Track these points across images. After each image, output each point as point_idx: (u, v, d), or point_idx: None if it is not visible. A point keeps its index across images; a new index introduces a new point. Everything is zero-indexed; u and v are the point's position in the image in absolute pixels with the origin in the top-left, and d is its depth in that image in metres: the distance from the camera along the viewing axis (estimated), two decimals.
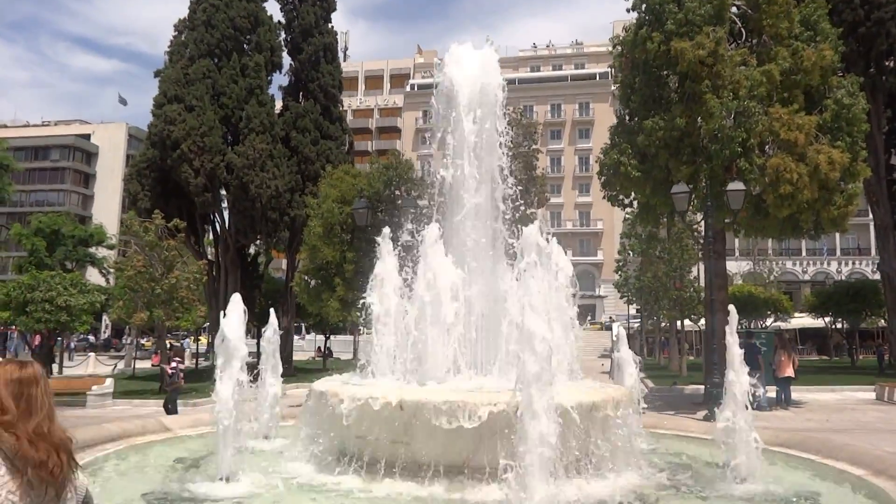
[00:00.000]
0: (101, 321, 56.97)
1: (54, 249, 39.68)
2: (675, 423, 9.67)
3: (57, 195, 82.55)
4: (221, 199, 28.44)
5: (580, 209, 75.27)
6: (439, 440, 5.51)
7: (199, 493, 5.39)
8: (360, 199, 19.05)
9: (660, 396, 20.54)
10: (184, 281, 21.89)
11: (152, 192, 26.67)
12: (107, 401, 19.10)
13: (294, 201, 26.98)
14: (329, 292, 20.07)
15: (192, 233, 27.22)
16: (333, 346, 43.83)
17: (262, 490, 5.53)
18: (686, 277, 31.78)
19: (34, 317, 22.51)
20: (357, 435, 5.92)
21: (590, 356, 37.46)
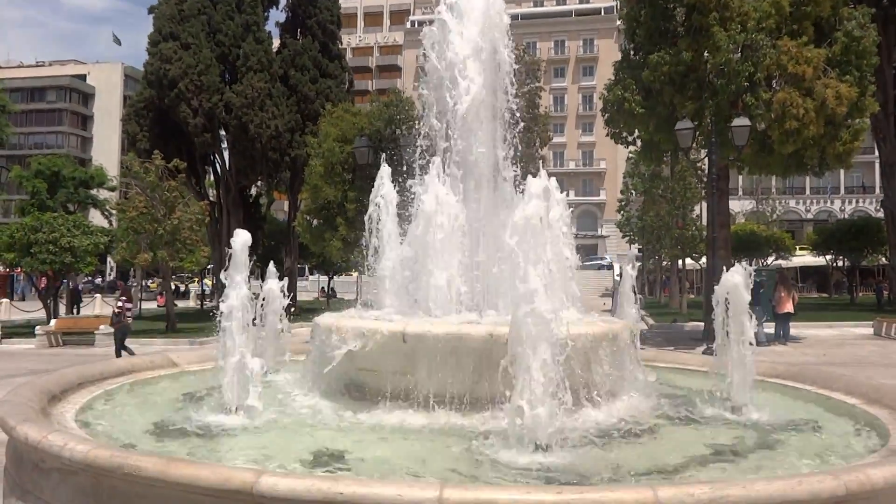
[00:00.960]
0: (106, 263, 57.31)
1: (55, 191, 39.62)
2: (673, 357, 9.80)
3: (55, 137, 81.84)
4: (221, 139, 28.22)
5: (583, 149, 74.53)
6: (442, 371, 5.58)
7: (208, 422, 5.51)
8: (360, 137, 18.87)
9: (660, 333, 20.82)
10: (186, 222, 21.92)
11: (151, 132, 26.44)
12: None
13: (294, 141, 26.75)
14: (331, 232, 20.13)
15: (192, 174, 27.11)
16: (337, 287, 44.18)
17: (269, 420, 5.65)
18: (688, 216, 31.73)
19: (39, 258, 22.66)
20: (361, 367, 6.00)
21: (591, 295, 37.75)
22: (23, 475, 4.43)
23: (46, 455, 4.06)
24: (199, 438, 5.15)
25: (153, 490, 3.59)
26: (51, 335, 19.42)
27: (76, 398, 6.07)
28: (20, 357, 16.69)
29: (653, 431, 5.48)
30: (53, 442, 3.99)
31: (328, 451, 4.79)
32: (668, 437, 5.36)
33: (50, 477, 4.09)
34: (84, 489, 3.85)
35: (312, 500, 3.26)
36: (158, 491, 3.58)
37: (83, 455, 3.79)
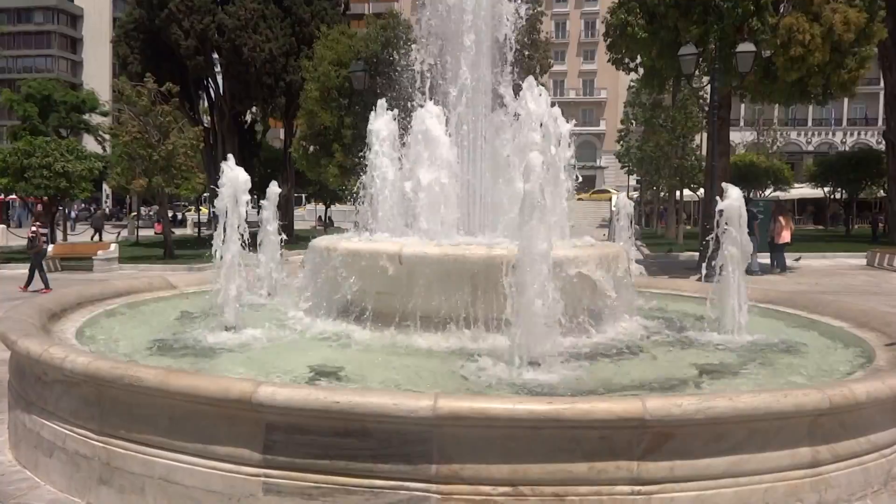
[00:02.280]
0: (102, 191, 56.97)
1: (47, 116, 38.93)
2: (668, 284, 9.90)
3: (45, 61, 79.86)
4: (214, 63, 27.55)
5: (584, 77, 73.02)
6: (438, 292, 5.63)
7: (207, 340, 5.60)
8: (357, 61, 18.43)
9: (655, 262, 20.96)
10: (181, 148, 21.65)
11: (142, 54, 25.80)
12: (113, 265, 19.51)
13: (289, 65, 26.14)
14: (328, 158, 19.92)
15: (186, 99, 26.58)
16: (334, 217, 44.08)
17: (263, 338, 5.74)
18: (688, 146, 31.41)
19: (33, 183, 22.48)
20: (357, 288, 6.04)
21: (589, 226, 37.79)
22: (26, 388, 4.52)
23: (48, 367, 4.13)
24: (198, 355, 5.24)
25: (154, 400, 3.68)
26: (49, 260, 19.47)
27: (76, 317, 6.14)
28: (19, 281, 16.79)
29: (645, 352, 5.59)
30: (55, 354, 4.06)
31: (325, 367, 4.89)
32: (659, 357, 5.47)
33: (53, 389, 4.18)
34: (87, 400, 3.94)
35: (309, 409, 3.35)
36: (159, 401, 3.67)
37: (84, 366, 3.86)
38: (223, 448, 3.52)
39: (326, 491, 3.36)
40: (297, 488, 3.39)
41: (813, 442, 3.64)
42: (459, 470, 3.31)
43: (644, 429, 3.34)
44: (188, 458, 3.58)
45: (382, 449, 3.34)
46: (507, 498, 3.31)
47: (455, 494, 3.32)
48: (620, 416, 3.31)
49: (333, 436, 3.37)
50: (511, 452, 3.32)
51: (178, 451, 3.61)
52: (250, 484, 3.45)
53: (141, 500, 3.69)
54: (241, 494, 3.46)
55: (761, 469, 3.52)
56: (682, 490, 3.41)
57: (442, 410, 3.24)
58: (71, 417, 4.03)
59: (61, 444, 4.06)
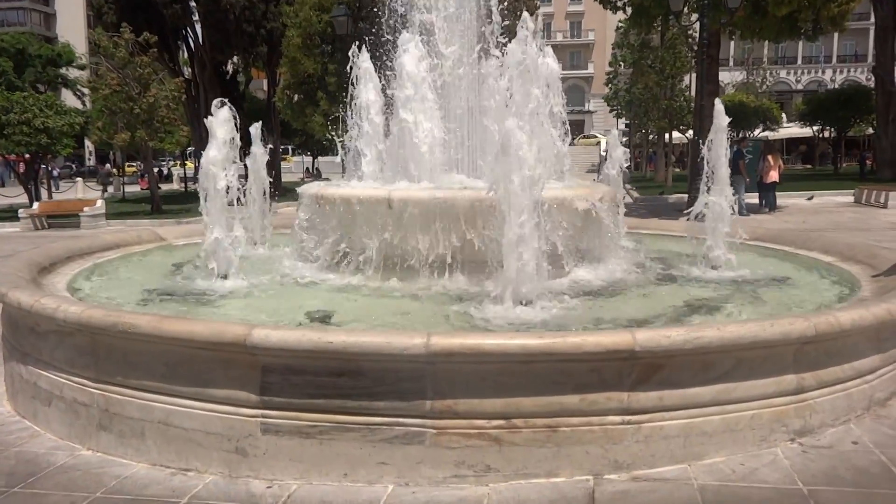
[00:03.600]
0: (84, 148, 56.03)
1: (23, 71, 37.94)
2: (657, 224, 9.95)
3: (16, 14, 77.27)
4: (192, 11, 26.77)
5: (571, 19, 71.73)
6: (427, 237, 5.64)
7: (199, 288, 5.61)
8: (338, 5, 17.96)
9: (644, 206, 21.01)
10: (162, 100, 21.24)
11: (117, 4, 25.03)
12: (100, 222, 19.36)
13: (269, 12, 25.46)
14: (312, 107, 19.62)
15: (165, 50, 25.92)
16: (322, 168, 43.76)
17: (254, 287, 5.75)
18: (677, 87, 31.11)
19: (13, 140, 22.06)
20: (348, 235, 6.04)
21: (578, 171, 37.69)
22: (20, 340, 4.53)
23: (41, 318, 4.13)
24: (191, 303, 5.26)
25: (149, 346, 3.70)
26: (35, 218, 19.30)
27: (66, 270, 6.12)
28: (6, 239, 16.67)
29: (634, 290, 5.65)
30: (47, 305, 4.06)
31: (317, 310, 4.92)
32: (648, 294, 5.53)
33: (47, 339, 4.19)
34: (82, 348, 3.96)
35: (303, 349, 3.38)
36: (154, 347, 3.69)
37: (77, 315, 3.87)
38: (220, 391, 3.56)
39: (324, 429, 3.42)
40: (295, 427, 3.45)
41: (798, 369, 3.73)
42: (454, 405, 3.37)
43: (634, 360, 3.40)
44: (186, 401, 3.63)
45: (377, 387, 3.39)
46: (501, 431, 3.38)
47: (450, 429, 3.39)
48: (610, 349, 3.36)
49: (328, 375, 3.42)
50: (504, 387, 3.39)
51: (175, 396, 3.65)
52: (249, 425, 3.50)
53: (141, 444, 3.75)
54: (241, 435, 3.52)
55: (748, 396, 3.62)
56: (671, 419, 3.50)
57: (435, 347, 3.29)
58: (67, 366, 4.05)
59: (59, 393, 4.10)
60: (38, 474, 3.68)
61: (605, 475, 3.43)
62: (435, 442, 3.38)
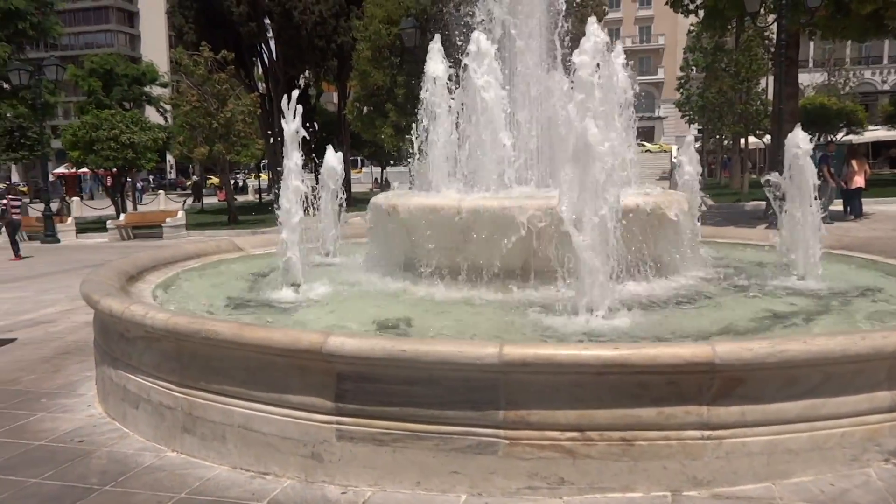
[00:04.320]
0: (166, 161, 58.71)
1: (111, 90, 40.12)
2: (735, 233, 9.62)
3: (104, 36, 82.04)
4: (267, 28, 27.71)
5: (640, 24, 70.52)
6: (496, 245, 5.62)
7: (275, 298, 5.77)
8: (407, 18, 18.23)
9: (720, 213, 20.35)
10: (238, 115, 22.04)
11: (196, 24, 26.16)
12: (181, 232, 20.20)
13: (340, 27, 26.08)
14: (381, 119, 19.94)
15: (241, 66, 26.93)
16: (390, 178, 44.37)
17: (328, 296, 5.87)
18: (753, 90, 30.05)
19: (102, 155, 23.35)
20: (416, 244, 6.09)
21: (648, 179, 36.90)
22: (111, 345, 4.77)
23: (130, 324, 4.34)
24: (269, 311, 5.41)
25: (230, 353, 3.83)
26: (121, 229, 20.34)
27: (151, 278, 6.40)
28: (96, 249, 17.61)
29: (711, 300, 5.48)
30: (136, 312, 4.26)
31: (389, 320, 4.97)
32: (727, 305, 5.34)
33: (135, 345, 4.40)
34: (168, 354, 4.13)
35: (376, 357, 3.43)
36: (234, 353, 3.81)
37: (164, 322, 4.04)
38: (297, 397, 3.65)
39: (397, 437, 3.45)
40: (369, 434, 3.50)
41: (893, 386, 3.53)
42: (527, 416, 3.35)
43: (714, 373, 3.30)
44: (264, 406, 3.73)
45: (449, 396, 3.40)
46: (575, 443, 3.33)
47: (523, 440, 3.37)
48: (689, 361, 3.27)
49: (401, 384, 3.45)
50: (578, 398, 3.34)
51: (254, 401, 3.76)
52: (324, 431, 3.57)
53: (222, 447, 3.88)
54: (316, 441, 3.59)
55: (837, 413, 3.44)
56: (754, 435, 3.36)
57: (507, 357, 3.27)
58: (154, 371, 4.24)
59: (146, 397, 4.29)
60: (128, 474, 3.85)
61: (684, 492, 3.32)
62: (507, 453, 3.36)
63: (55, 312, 9.05)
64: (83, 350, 6.79)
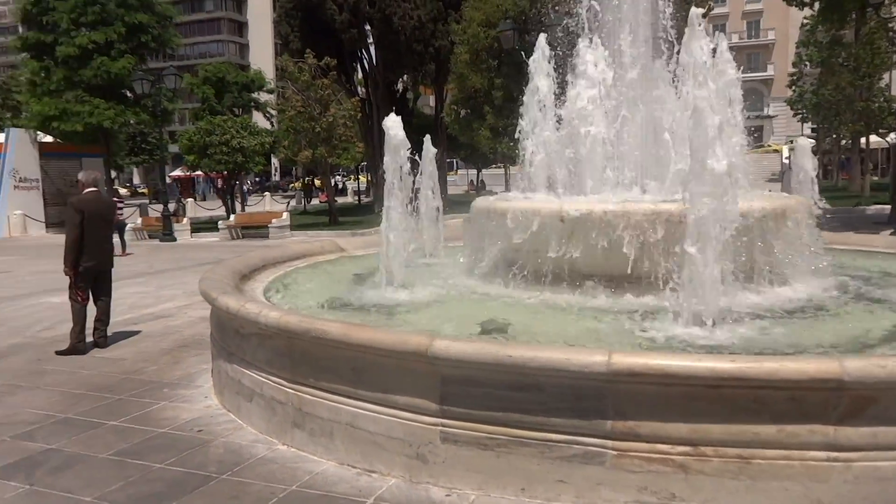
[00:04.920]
0: (271, 164, 61.37)
1: (222, 97, 42.42)
2: (856, 239, 9.00)
3: (216, 46, 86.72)
4: (367, 34, 28.43)
5: (748, 18, 67.32)
6: (600, 251, 5.51)
7: (378, 298, 5.90)
8: (505, 20, 18.21)
9: (838, 218, 19.10)
10: (340, 119, 22.71)
11: (301, 32, 27.18)
12: (285, 233, 21.04)
13: (437, 31, 26.40)
14: (479, 121, 20.02)
15: (342, 72, 27.75)
16: (486, 180, 44.47)
17: (430, 297, 5.94)
18: (875, 86, 28.01)
19: (214, 159, 24.72)
20: (517, 248, 6.06)
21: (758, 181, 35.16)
22: (227, 340, 5.02)
23: (245, 321, 4.55)
24: (372, 312, 5.53)
25: (338, 352, 3.94)
26: (231, 229, 21.42)
27: (261, 277, 6.70)
28: (208, 248, 18.64)
29: (833, 311, 5.14)
30: (250, 310, 4.46)
31: (490, 323, 4.96)
32: (851, 316, 5.00)
33: (249, 341, 4.61)
34: (279, 351, 4.30)
35: (482, 362, 3.43)
36: (342, 352, 3.92)
37: (276, 320, 4.21)
38: (402, 397, 3.71)
39: (502, 442, 3.44)
40: (474, 438, 3.50)
41: None
42: (636, 427, 3.25)
43: (842, 391, 3.08)
44: (370, 405, 3.82)
45: (555, 403, 3.36)
46: (688, 458, 3.21)
47: (631, 451, 3.27)
48: (814, 377, 3.07)
49: (506, 389, 3.43)
50: (691, 411, 3.21)
51: (361, 399, 3.86)
52: (429, 432, 3.61)
53: (330, 444, 4.00)
54: (421, 442, 3.63)
55: None
56: (887, 459, 3.12)
57: (616, 366, 3.19)
58: (266, 366, 4.43)
59: (259, 391, 4.49)
60: (242, 464, 4.04)
61: None
62: (615, 464, 3.28)
63: (173, 307, 9.63)
64: (199, 344, 7.19)
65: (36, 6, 26.07)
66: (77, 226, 6.94)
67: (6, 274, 14.38)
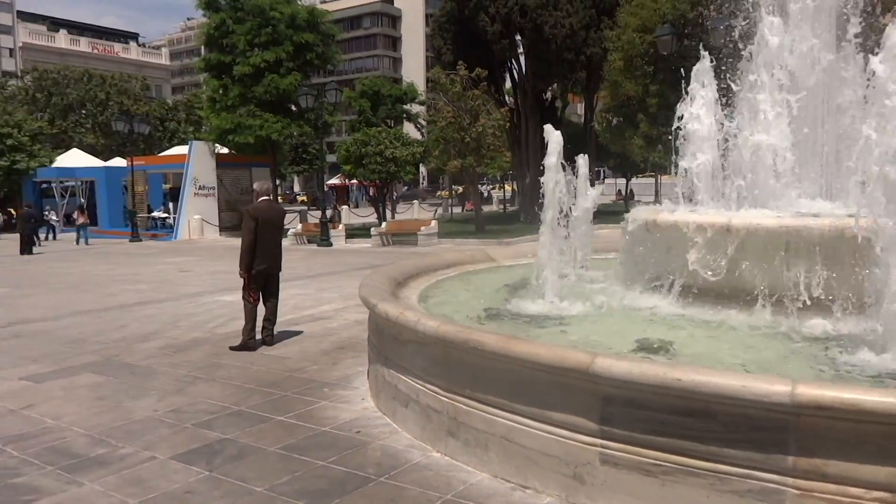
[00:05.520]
0: (419, 173, 63.37)
1: (377, 109, 44.43)
2: None
3: (371, 60, 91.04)
4: (517, 44, 28.55)
5: None
6: (770, 267, 5.11)
7: (530, 311, 5.83)
8: (663, 25, 17.53)
9: None
10: (489, 129, 22.95)
11: (454, 44, 27.80)
12: (433, 240, 21.56)
13: (589, 39, 25.95)
14: (632, 130, 19.41)
15: (492, 82, 28.02)
16: (635, 190, 43.10)
17: (584, 310, 5.78)
18: None
19: (369, 168, 25.89)
20: (678, 261, 5.76)
21: None
22: (384, 346, 5.18)
23: (403, 329, 4.67)
24: (524, 324, 5.48)
25: (495, 363, 3.92)
26: (383, 235, 22.28)
27: (415, 285, 6.86)
28: (361, 253, 19.51)
29: None
30: (409, 318, 4.57)
31: (650, 341, 4.74)
32: None
33: (407, 348, 4.72)
34: (436, 359, 4.36)
35: (647, 384, 3.26)
36: (499, 365, 3.90)
37: (434, 329, 4.27)
38: (559, 414, 3.62)
39: (667, 470, 3.26)
40: (636, 463, 3.35)
41: None
42: (822, 466, 2.95)
43: None
44: (526, 420, 3.76)
45: (728, 433, 3.12)
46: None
47: (816, 492, 2.97)
48: None
49: (673, 414, 3.24)
50: (889, 453, 2.86)
51: (517, 413, 3.81)
52: (587, 453, 3.50)
53: (484, 455, 3.99)
54: (578, 462, 3.53)
55: None
56: None
57: (802, 398, 2.91)
58: (422, 374, 4.51)
59: (415, 398, 4.58)
60: (399, 468, 4.14)
61: None
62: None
63: (331, 310, 10.15)
64: (355, 346, 7.51)
65: (217, 30, 28.69)
66: (252, 231, 7.49)
67: (188, 273, 15.90)
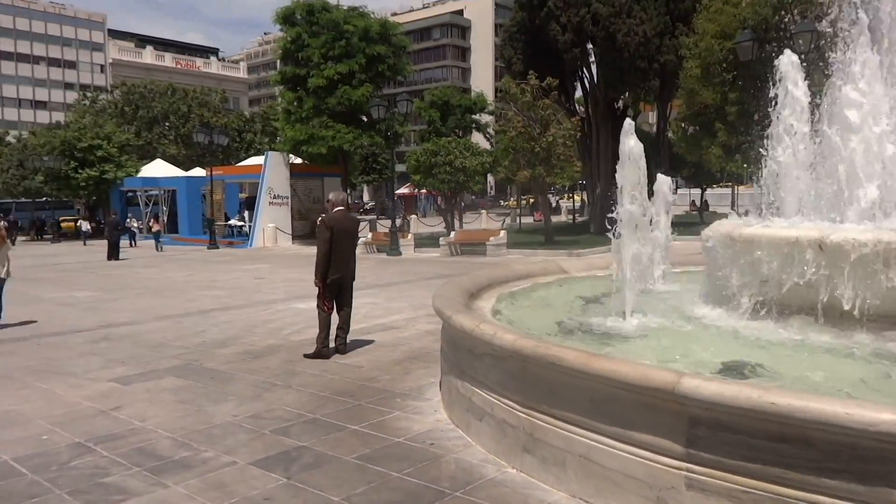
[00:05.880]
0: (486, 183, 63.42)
1: (447, 119, 44.76)
2: None
3: (441, 71, 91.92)
4: (589, 53, 28.22)
5: None
6: (867, 285, 4.83)
7: (606, 326, 5.69)
8: (743, 30, 16.97)
9: None
10: (559, 139, 22.73)
11: (524, 54, 27.74)
12: (502, 250, 21.45)
13: (663, 46, 25.40)
14: (709, 139, 18.83)
15: (562, 91, 27.78)
16: (709, 200, 41.85)
17: (663, 326, 5.60)
18: None
19: (438, 178, 26.05)
20: (763, 277, 5.52)
21: None
22: (459, 358, 5.16)
23: (478, 342, 4.63)
24: (600, 339, 5.35)
25: (574, 380, 3.84)
26: (451, 245, 22.35)
27: (487, 296, 6.82)
28: (430, 263, 19.61)
29: None
30: (485, 331, 4.53)
31: (736, 361, 4.54)
32: None
33: (482, 361, 4.68)
34: (512, 373, 4.31)
35: (740, 407, 3.11)
36: (578, 381, 3.81)
37: (511, 343, 4.22)
38: (642, 435, 3.50)
39: (758, 498, 3.10)
40: (724, 489, 3.19)
41: None
42: None
43: None
44: (607, 440, 3.66)
45: (827, 462, 2.94)
46: None
47: None
48: None
49: (766, 439, 3.08)
50: None
51: (596, 432, 3.71)
52: (672, 476, 3.37)
53: (562, 474, 3.90)
54: (662, 486, 3.40)
55: None
56: None
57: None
58: (498, 388, 4.46)
59: (490, 412, 4.53)
60: (473, 483, 4.09)
61: None
62: None
63: (401, 319, 10.21)
64: (426, 356, 7.52)
65: (293, 44, 29.53)
66: (327, 241, 7.62)
67: (262, 280, 16.34)
